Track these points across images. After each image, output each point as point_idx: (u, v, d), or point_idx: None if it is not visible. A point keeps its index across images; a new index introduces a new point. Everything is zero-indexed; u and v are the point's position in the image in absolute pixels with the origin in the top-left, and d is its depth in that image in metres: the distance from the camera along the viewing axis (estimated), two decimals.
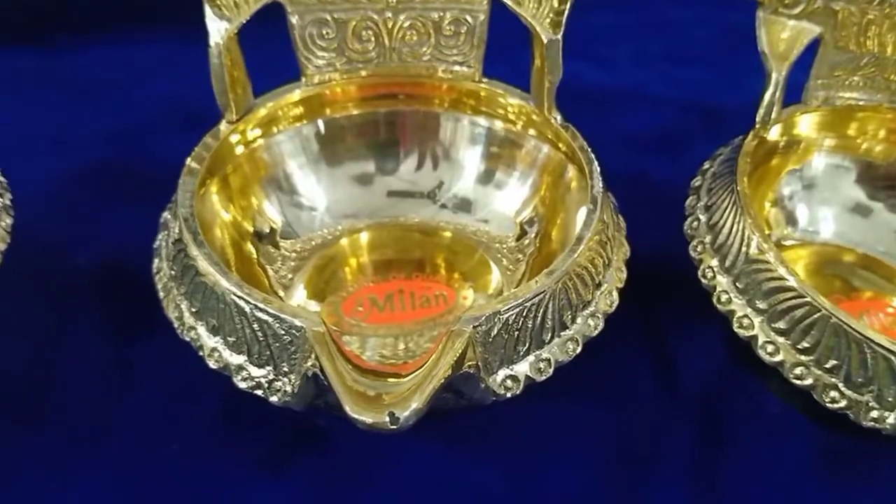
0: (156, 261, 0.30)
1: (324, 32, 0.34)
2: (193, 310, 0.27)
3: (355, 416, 0.22)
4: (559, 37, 0.32)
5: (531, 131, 0.34)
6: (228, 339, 0.26)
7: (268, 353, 0.25)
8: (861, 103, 0.37)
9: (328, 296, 0.33)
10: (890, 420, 0.29)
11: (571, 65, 0.33)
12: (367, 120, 0.35)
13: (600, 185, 0.29)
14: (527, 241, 0.33)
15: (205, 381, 0.31)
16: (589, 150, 0.31)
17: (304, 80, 0.34)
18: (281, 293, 0.32)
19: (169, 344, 0.29)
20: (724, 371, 0.32)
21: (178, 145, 0.36)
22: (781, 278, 0.29)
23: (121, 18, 0.46)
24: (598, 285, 0.29)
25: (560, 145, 0.33)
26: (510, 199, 0.34)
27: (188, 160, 0.30)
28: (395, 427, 0.22)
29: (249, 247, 0.32)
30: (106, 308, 0.34)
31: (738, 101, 0.42)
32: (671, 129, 0.44)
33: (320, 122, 0.35)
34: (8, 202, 0.31)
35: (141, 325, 0.33)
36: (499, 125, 0.35)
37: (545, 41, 0.32)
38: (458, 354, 0.24)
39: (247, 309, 0.25)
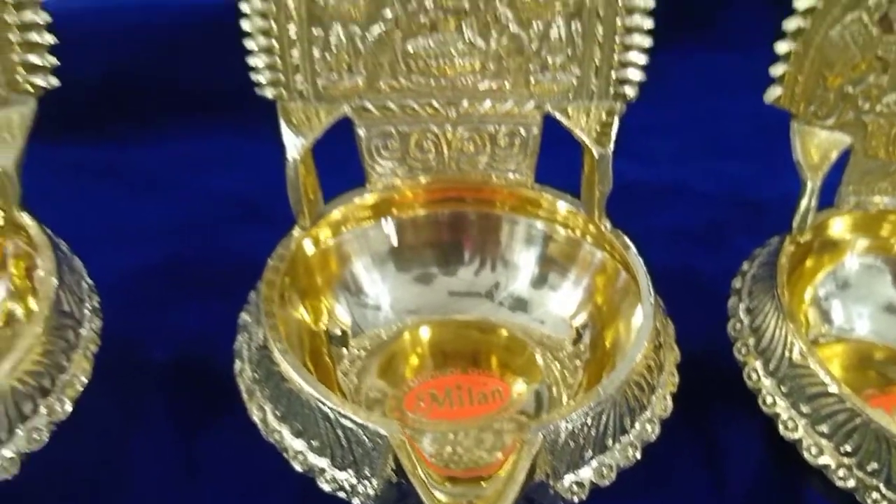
0: (237, 362, 0.32)
1: (388, 143, 0.36)
2: (278, 413, 0.29)
3: None
4: (609, 151, 0.34)
5: (585, 237, 0.36)
6: (312, 442, 0.28)
7: (351, 457, 0.27)
8: (891, 207, 0.39)
9: (391, 390, 0.35)
10: None
11: (616, 162, 0.35)
12: (430, 222, 0.37)
13: (652, 296, 0.32)
14: (583, 347, 0.35)
15: (274, 480, 0.32)
16: (640, 259, 0.34)
17: (368, 185, 0.37)
18: (350, 386, 0.34)
19: (240, 441, 0.31)
20: (771, 470, 0.33)
21: (242, 239, 0.39)
22: (824, 384, 0.31)
23: (178, 112, 0.49)
24: (653, 390, 0.31)
25: (613, 252, 0.35)
26: (565, 302, 0.36)
27: (267, 270, 0.32)
28: None
29: (321, 346, 0.34)
30: (178, 404, 0.36)
31: (777, 194, 0.44)
32: (713, 223, 0.46)
33: (386, 225, 0.37)
34: (97, 305, 0.33)
35: (212, 423, 0.34)
36: (554, 229, 0.37)
37: (595, 155, 0.34)
38: (532, 462, 0.26)
39: (331, 416, 0.27)
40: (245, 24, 0.33)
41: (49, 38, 0.33)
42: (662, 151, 0.50)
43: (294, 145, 0.34)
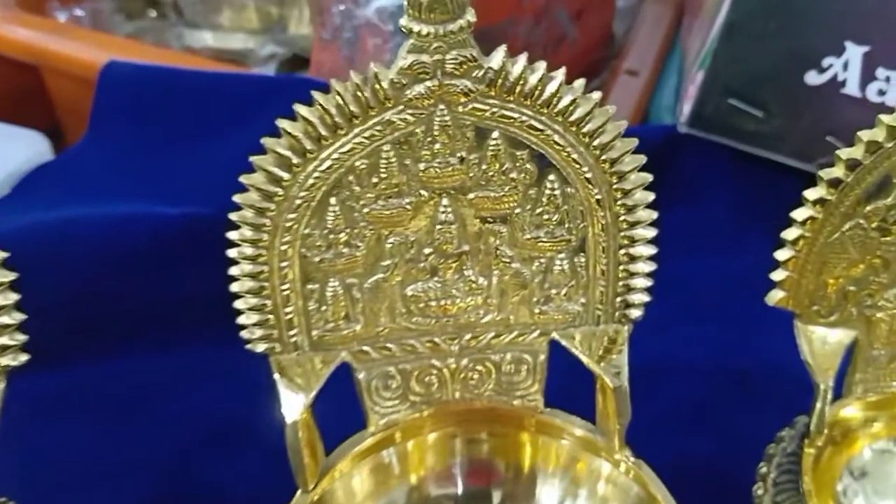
0: None
1: (388, 383, 0.34)
2: None
3: None
4: (625, 383, 0.33)
5: (605, 462, 0.35)
6: None
7: None
8: None
9: None
10: None
11: None
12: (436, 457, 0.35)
13: None
14: None
15: None
16: (664, 488, 0.32)
17: (370, 428, 0.35)
18: None
19: None
20: None
21: (226, 466, 0.36)
22: None
23: (145, 330, 0.46)
24: None
25: (636, 480, 0.33)
26: None
27: None
28: None
29: None
30: None
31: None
32: (705, 399, 0.45)
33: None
34: None
35: None
36: (573, 456, 0.35)
37: (611, 386, 0.33)
38: None
39: None
40: (234, 286, 0.31)
41: (20, 315, 0.30)
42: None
43: (293, 405, 0.31)
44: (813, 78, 0.51)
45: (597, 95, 0.30)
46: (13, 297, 0.30)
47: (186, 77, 0.55)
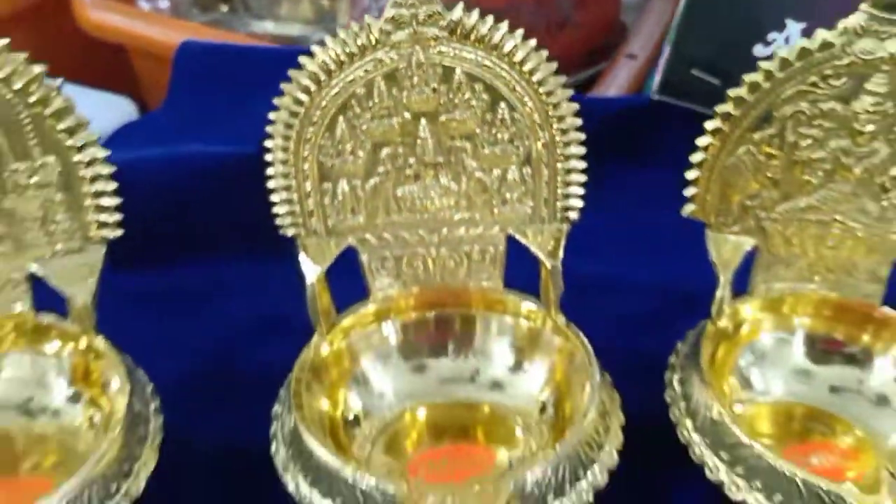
0: (273, 445, 0.41)
1: (385, 265, 0.46)
2: (308, 482, 0.38)
3: None
4: (559, 263, 0.43)
5: (545, 328, 0.45)
6: (336, 501, 0.37)
7: None
8: (794, 290, 0.48)
9: (396, 462, 0.43)
10: None
11: (568, 260, 0.45)
12: (421, 323, 0.46)
13: (598, 372, 0.40)
14: (547, 416, 0.44)
15: None
16: (588, 344, 0.43)
17: (370, 298, 0.46)
18: (363, 459, 0.42)
19: None
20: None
21: (269, 350, 0.47)
22: (736, 436, 0.40)
23: (207, 245, 0.58)
24: (601, 447, 0.39)
25: (567, 339, 0.44)
26: (532, 381, 0.45)
27: (294, 369, 0.41)
28: None
29: (339, 429, 0.43)
30: (224, 480, 0.44)
31: (706, 286, 0.53)
32: (653, 311, 0.55)
33: (386, 327, 0.46)
34: (158, 405, 0.42)
35: (254, 495, 0.43)
36: (519, 323, 0.46)
37: (549, 267, 0.44)
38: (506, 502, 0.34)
39: (350, 480, 0.36)
40: (270, 183, 0.43)
41: (115, 200, 0.43)
42: (607, 251, 0.59)
43: (312, 272, 0.43)
44: (760, 50, 0.61)
45: (533, 42, 0.41)
46: (112, 185, 0.42)
47: (245, 52, 0.68)
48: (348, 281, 0.46)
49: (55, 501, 0.35)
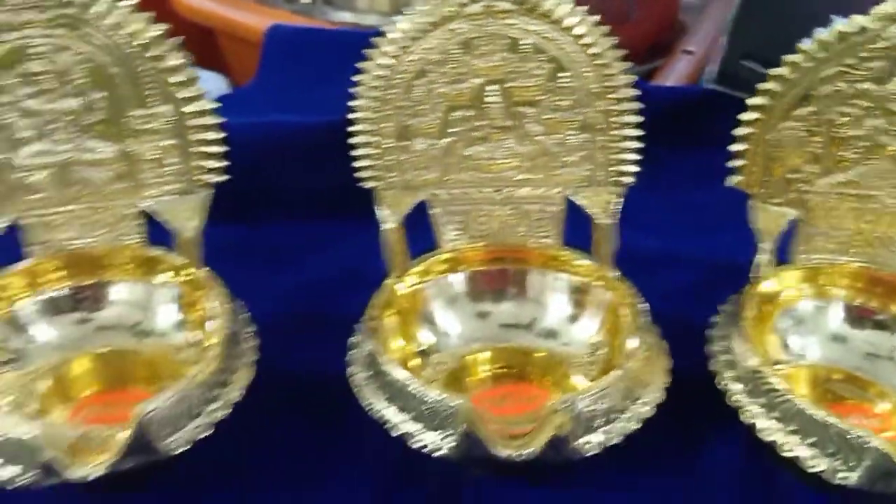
0: (350, 367, 0.45)
1: (454, 219, 0.50)
2: (385, 397, 0.42)
3: (498, 451, 0.37)
4: (611, 221, 0.48)
5: (598, 283, 0.49)
6: (408, 415, 0.41)
7: (434, 422, 0.40)
8: (832, 261, 0.51)
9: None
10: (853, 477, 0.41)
11: (624, 233, 0.49)
12: (485, 274, 0.51)
13: (648, 318, 0.45)
14: (597, 361, 0.47)
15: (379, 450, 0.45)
16: (637, 294, 0.47)
17: (440, 249, 0.51)
18: None
19: (354, 425, 0.45)
20: (744, 450, 0.46)
21: (349, 295, 0.52)
22: (772, 384, 0.43)
23: (294, 203, 0.64)
24: (647, 385, 0.43)
25: (618, 292, 0.48)
26: (585, 329, 0.49)
27: (371, 305, 0.46)
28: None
29: (409, 359, 0.47)
30: (308, 400, 0.49)
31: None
32: (702, 282, 0.59)
33: (454, 276, 0.51)
34: (252, 331, 0.47)
35: (333, 412, 0.47)
36: (575, 278, 0.50)
37: (602, 224, 0.48)
38: (557, 426, 0.38)
39: (418, 395, 0.41)
40: (354, 139, 0.48)
41: (221, 148, 0.48)
42: (661, 226, 0.63)
43: (389, 219, 0.48)
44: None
45: (593, 19, 0.45)
46: (218, 135, 0.48)
47: (328, 35, 0.74)
48: (420, 234, 0.50)
49: (163, 400, 0.40)
